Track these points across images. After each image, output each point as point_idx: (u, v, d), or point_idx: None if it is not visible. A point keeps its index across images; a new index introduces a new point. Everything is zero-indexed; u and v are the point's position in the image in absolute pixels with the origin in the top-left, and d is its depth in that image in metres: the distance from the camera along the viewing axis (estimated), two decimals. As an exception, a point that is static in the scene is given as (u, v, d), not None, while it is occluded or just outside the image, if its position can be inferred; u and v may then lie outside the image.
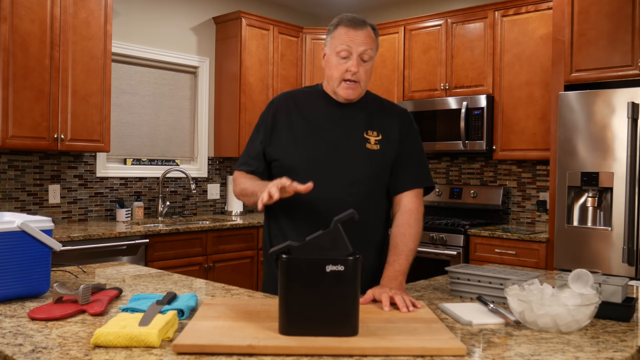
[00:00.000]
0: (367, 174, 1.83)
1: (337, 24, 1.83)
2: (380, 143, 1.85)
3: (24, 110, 3.53)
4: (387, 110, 1.93)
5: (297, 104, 1.91)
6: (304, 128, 1.86)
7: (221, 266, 4.29)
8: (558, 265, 3.56)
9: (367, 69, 1.81)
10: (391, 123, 1.89)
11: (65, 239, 3.40)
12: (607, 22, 3.48)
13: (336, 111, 1.87)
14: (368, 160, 1.83)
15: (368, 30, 1.81)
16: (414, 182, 1.88)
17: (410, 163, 1.89)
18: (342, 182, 1.80)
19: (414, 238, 1.79)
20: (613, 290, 1.56)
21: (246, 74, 4.86)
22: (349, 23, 1.79)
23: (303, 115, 1.88)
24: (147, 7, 4.62)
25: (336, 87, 1.82)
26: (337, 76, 1.81)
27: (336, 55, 1.80)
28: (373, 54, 1.82)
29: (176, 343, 1.19)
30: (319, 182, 1.68)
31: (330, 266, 1.25)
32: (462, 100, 4.42)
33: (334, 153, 1.82)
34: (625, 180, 3.27)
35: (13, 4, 3.47)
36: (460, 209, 4.76)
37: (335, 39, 1.81)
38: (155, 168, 4.71)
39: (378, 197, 1.89)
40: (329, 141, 1.84)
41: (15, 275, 1.61)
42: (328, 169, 1.81)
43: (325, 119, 1.87)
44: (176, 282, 1.96)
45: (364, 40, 1.78)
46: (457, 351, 1.19)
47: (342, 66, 1.79)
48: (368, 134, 1.86)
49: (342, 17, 1.84)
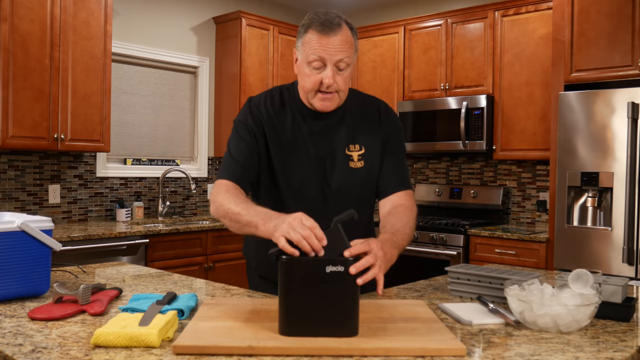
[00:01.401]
0: (354, 195, 1.74)
1: (307, 27, 1.60)
2: (365, 158, 1.73)
3: (24, 110, 3.53)
4: (370, 116, 1.77)
5: (274, 118, 1.72)
6: (284, 147, 1.70)
7: (221, 266, 4.29)
8: (558, 265, 3.56)
9: (345, 77, 1.61)
10: (375, 130, 1.75)
11: (65, 239, 3.40)
12: (607, 22, 3.48)
13: (314, 126, 1.71)
14: (354, 180, 1.72)
15: (343, 32, 1.57)
16: (402, 185, 1.75)
17: (398, 166, 1.77)
18: (327, 209, 1.70)
19: (409, 224, 1.59)
20: (613, 290, 1.56)
21: (246, 74, 4.86)
22: (321, 28, 1.56)
23: (283, 130, 1.71)
24: (147, 7, 4.62)
25: (311, 98, 1.64)
26: (310, 87, 1.62)
27: (308, 65, 1.59)
28: (351, 60, 1.60)
29: (176, 344, 1.19)
30: (305, 206, 1.61)
31: (330, 266, 1.25)
32: (462, 100, 4.42)
33: (317, 178, 1.70)
34: (625, 180, 3.27)
35: (13, 4, 3.47)
36: (460, 209, 4.76)
37: (306, 45, 1.59)
38: (155, 168, 4.71)
39: (364, 208, 1.80)
40: (311, 166, 1.70)
41: (15, 275, 1.61)
42: (313, 195, 1.71)
43: (304, 136, 1.71)
44: (176, 282, 1.96)
45: (339, 48, 1.56)
46: (457, 351, 1.19)
47: (316, 77, 1.59)
48: (350, 149, 1.72)
49: (312, 17, 1.60)
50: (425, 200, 4.97)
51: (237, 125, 1.74)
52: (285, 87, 1.79)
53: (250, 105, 1.75)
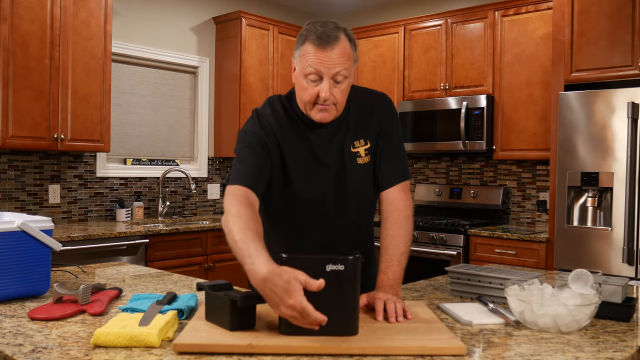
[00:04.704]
0: (368, 191, 1.76)
1: (304, 39, 1.57)
2: (370, 151, 1.73)
3: (24, 110, 3.53)
4: (368, 110, 1.75)
5: (284, 127, 1.70)
6: (298, 157, 1.69)
7: (221, 266, 4.29)
8: (558, 265, 3.56)
9: (342, 89, 1.59)
10: (372, 122, 1.74)
11: (65, 239, 3.40)
12: (607, 22, 3.48)
13: (320, 133, 1.69)
14: (363, 177, 1.73)
15: (341, 45, 1.55)
16: (399, 176, 1.74)
17: (394, 156, 1.75)
18: (343, 212, 1.73)
19: (404, 239, 1.66)
20: (613, 290, 1.56)
21: (246, 74, 4.86)
22: (318, 41, 1.53)
23: (294, 140, 1.70)
24: (146, 7, 4.62)
25: (308, 110, 1.62)
26: (307, 100, 1.59)
27: (305, 77, 1.57)
28: (349, 72, 1.58)
29: (176, 342, 1.19)
30: (322, 214, 1.70)
31: (330, 265, 1.25)
32: (462, 100, 4.42)
33: (333, 183, 1.71)
34: (625, 180, 3.27)
35: (13, 4, 3.47)
36: (460, 209, 4.76)
37: (302, 57, 1.57)
38: (155, 168, 4.71)
39: (370, 204, 1.81)
40: (323, 175, 1.70)
41: (15, 275, 1.61)
42: (331, 200, 1.72)
43: (312, 144, 1.69)
44: (176, 282, 1.96)
45: (336, 61, 1.54)
46: (457, 351, 1.19)
47: (313, 89, 1.57)
48: (355, 145, 1.72)
49: (309, 29, 1.57)
50: (425, 200, 4.97)
51: (246, 135, 1.67)
52: (283, 97, 1.77)
53: (258, 116, 1.71)
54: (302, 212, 1.73)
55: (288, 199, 1.72)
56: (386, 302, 1.44)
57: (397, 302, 1.45)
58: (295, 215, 1.74)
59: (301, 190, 1.70)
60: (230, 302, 1.28)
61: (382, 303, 1.44)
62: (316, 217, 1.72)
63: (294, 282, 1.19)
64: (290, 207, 1.74)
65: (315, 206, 1.72)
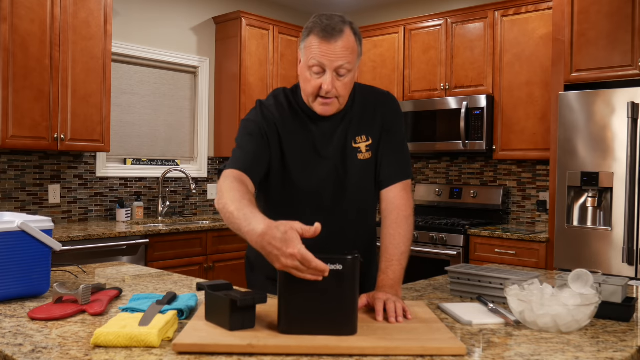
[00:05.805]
0: (369, 188, 1.77)
1: (310, 31, 1.59)
2: (372, 148, 1.74)
3: (24, 110, 3.53)
4: (372, 106, 1.76)
5: (286, 119, 1.72)
6: (298, 148, 1.71)
7: (221, 266, 4.29)
8: (558, 265, 3.56)
9: (345, 83, 1.60)
10: (375, 118, 1.75)
11: (65, 239, 3.40)
12: (607, 22, 3.48)
13: (322, 126, 1.71)
14: (362, 173, 1.74)
15: (345, 38, 1.56)
16: (400, 175, 1.74)
17: (396, 154, 1.76)
18: (342, 206, 1.74)
19: (404, 238, 1.66)
20: (613, 290, 1.56)
21: (246, 74, 4.86)
22: (322, 34, 1.55)
23: (295, 132, 1.72)
24: (146, 7, 4.62)
25: (311, 102, 1.65)
26: (310, 92, 1.62)
27: (308, 70, 1.60)
28: (353, 66, 1.60)
29: (176, 342, 1.19)
30: (320, 206, 1.71)
31: (329, 265, 1.25)
32: (462, 100, 4.42)
33: (332, 177, 1.72)
34: (625, 180, 3.27)
35: (13, 4, 3.47)
36: (460, 209, 4.76)
37: (307, 49, 1.59)
38: (155, 168, 4.71)
39: (370, 202, 1.82)
40: (322, 167, 1.71)
41: (15, 275, 1.61)
42: (330, 194, 1.73)
43: (315, 137, 1.71)
44: (176, 282, 1.96)
45: (339, 54, 1.55)
46: (457, 351, 1.19)
47: (316, 82, 1.59)
48: (357, 141, 1.72)
49: (315, 22, 1.59)
50: (425, 200, 4.97)
51: (247, 123, 1.71)
52: (288, 90, 1.79)
53: (261, 106, 1.74)
54: (300, 205, 1.74)
55: (286, 190, 1.74)
56: (386, 302, 1.45)
57: (397, 302, 1.45)
58: (292, 208, 1.74)
59: (299, 182, 1.71)
60: (230, 302, 1.28)
61: (382, 303, 1.44)
62: (314, 210, 1.72)
63: (291, 232, 1.21)
64: (288, 199, 1.75)
65: (313, 199, 1.73)
